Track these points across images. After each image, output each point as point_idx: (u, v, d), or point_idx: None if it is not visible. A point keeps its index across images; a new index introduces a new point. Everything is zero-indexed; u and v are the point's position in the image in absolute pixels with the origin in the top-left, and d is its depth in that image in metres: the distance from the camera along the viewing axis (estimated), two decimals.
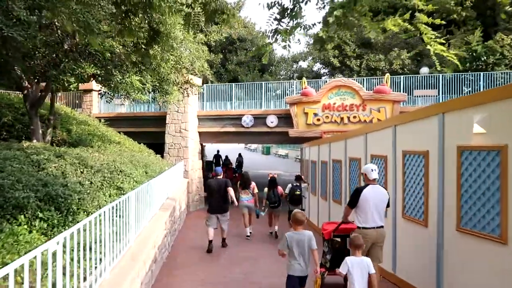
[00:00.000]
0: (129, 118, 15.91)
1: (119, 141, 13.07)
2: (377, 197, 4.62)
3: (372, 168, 4.74)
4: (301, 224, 4.16)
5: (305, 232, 4.13)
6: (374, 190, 4.64)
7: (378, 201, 4.62)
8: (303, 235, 4.08)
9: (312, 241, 4.08)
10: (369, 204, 4.57)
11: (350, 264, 3.86)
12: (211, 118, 14.89)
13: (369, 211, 4.58)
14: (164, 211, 7.43)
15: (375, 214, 4.59)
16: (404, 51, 17.97)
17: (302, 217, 4.18)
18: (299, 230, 4.12)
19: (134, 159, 9.27)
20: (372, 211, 4.58)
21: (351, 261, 3.90)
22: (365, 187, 4.68)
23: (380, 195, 4.65)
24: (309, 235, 4.09)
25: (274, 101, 14.84)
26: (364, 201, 4.58)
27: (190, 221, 12.02)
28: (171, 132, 14.46)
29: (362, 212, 4.62)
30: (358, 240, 4.03)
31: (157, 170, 9.27)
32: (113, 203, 4.41)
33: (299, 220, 4.14)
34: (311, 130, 13.30)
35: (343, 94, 13.14)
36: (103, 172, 6.58)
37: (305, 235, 4.09)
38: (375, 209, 4.59)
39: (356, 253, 3.97)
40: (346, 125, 13.00)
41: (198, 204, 14.65)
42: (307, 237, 4.07)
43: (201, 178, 15.22)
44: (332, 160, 9.05)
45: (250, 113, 14.32)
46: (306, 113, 13.33)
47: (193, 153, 14.56)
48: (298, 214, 4.20)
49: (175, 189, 10.60)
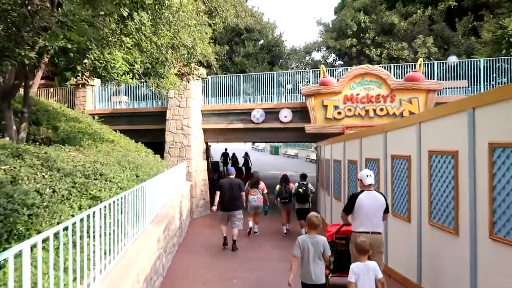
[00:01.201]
0: (127, 114, 14.37)
1: (113, 139, 11.59)
2: (372, 202, 4.64)
3: (367, 174, 4.77)
4: (316, 228, 4.04)
5: (319, 238, 3.99)
6: (369, 196, 4.68)
7: (373, 207, 4.64)
8: (317, 240, 3.95)
9: (326, 247, 3.97)
10: (364, 209, 4.62)
11: (357, 271, 3.69)
12: (216, 113, 13.28)
13: (364, 217, 4.63)
14: (158, 225, 5.81)
15: (369, 220, 4.62)
16: (430, 38, 16.18)
17: (317, 221, 4.04)
18: (312, 234, 3.99)
19: (124, 159, 7.71)
20: (366, 217, 4.62)
21: (357, 267, 3.72)
22: (360, 193, 4.74)
23: (375, 200, 4.66)
24: (323, 241, 3.98)
25: (288, 93, 13.16)
26: (359, 207, 4.64)
27: (193, 231, 10.40)
28: (171, 129, 12.87)
29: (357, 217, 4.69)
30: (364, 245, 3.82)
31: (153, 172, 7.68)
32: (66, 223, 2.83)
33: (314, 224, 4.01)
34: (331, 125, 11.62)
35: (368, 84, 11.43)
36: (74, 176, 5.00)
37: (319, 240, 3.97)
38: (370, 214, 4.63)
39: (361, 258, 3.79)
40: (372, 119, 11.30)
41: (203, 210, 13.04)
42: (321, 242, 3.96)
43: (206, 181, 13.60)
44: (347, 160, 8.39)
45: (261, 107, 12.68)
46: (325, 105, 11.65)
47: (196, 152, 12.95)
48: (313, 218, 4.05)
49: (175, 194, 9.01)
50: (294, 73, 13.87)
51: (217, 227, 10.55)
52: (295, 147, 45.80)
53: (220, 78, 13.70)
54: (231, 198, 7.90)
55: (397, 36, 16.79)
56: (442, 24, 16.88)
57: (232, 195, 7.90)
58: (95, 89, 15.05)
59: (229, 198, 7.90)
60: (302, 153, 41.21)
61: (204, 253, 7.98)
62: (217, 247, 8.52)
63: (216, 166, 23.65)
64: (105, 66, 5.29)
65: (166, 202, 7.65)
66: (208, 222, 11.71)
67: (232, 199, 7.91)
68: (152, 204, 5.99)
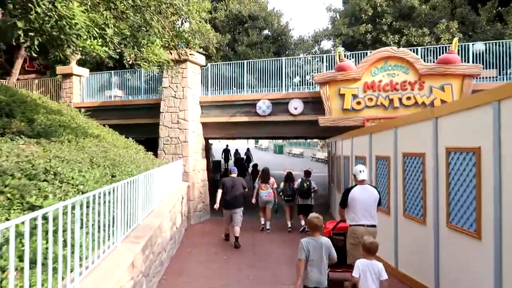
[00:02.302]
0: (117, 108, 12.87)
1: (99, 134, 10.14)
2: (365, 196, 4.78)
3: (360, 169, 4.92)
4: (318, 229, 3.87)
5: (322, 240, 3.85)
6: (362, 190, 4.83)
7: (367, 200, 4.79)
8: (321, 242, 3.81)
9: (332, 249, 3.84)
10: (357, 203, 4.79)
11: (362, 268, 3.63)
12: (217, 105, 11.74)
13: (358, 210, 4.78)
14: (134, 243, 4.28)
15: (364, 213, 4.77)
16: (454, 22, 14.56)
17: (318, 222, 3.87)
18: (316, 236, 3.85)
19: (101, 156, 6.23)
20: (360, 210, 4.77)
21: (362, 264, 3.65)
22: (354, 187, 4.92)
23: (368, 194, 4.81)
24: (326, 242, 3.84)
25: (299, 81, 11.58)
26: (352, 201, 4.82)
27: (190, 241, 8.86)
28: (166, 123, 11.36)
29: (352, 211, 4.84)
30: (372, 246, 3.71)
31: (137, 172, 6.15)
32: None
33: (316, 225, 3.86)
34: (349, 117, 10.05)
35: (392, 69, 9.86)
36: (4, 177, 3.47)
37: (322, 242, 3.82)
38: (364, 208, 4.77)
39: (368, 257, 3.70)
40: (397, 110, 9.72)
41: (202, 214, 11.51)
42: (325, 244, 3.81)
43: (206, 182, 12.07)
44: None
45: (268, 98, 11.14)
46: (342, 94, 10.09)
47: (194, 149, 11.43)
48: (315, 220, 3.88)
49: (167, 197, 7.50)
50: (305, 59, 12.28)
51: (218, 235, 9.17)
52: (300, 146, 44.23)
53: (222, 66, 12.16)
54: (233, 197, 8.09)
55: (417, 21, 15.18)
56: (467, 7, 15.25)
57: (234, 194, 8.09)
58: (83, 80, 13.58)
59: (232, 197, 8.10)
60: (307, 152, 39.63)
61: (202, 271, 6.45)
62: (218, 262, 7.02)
63: (218, 165, 22.23)
64: (58, 23, 3.76)
65: (153, 209, 6.14)
66: (207, 229, 10.18)
67: (234, 197, 8.09)
68: (128, 214, 4.47)
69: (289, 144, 50.19)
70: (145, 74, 12.77)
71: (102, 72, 13.59)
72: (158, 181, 6.64)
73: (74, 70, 13.30)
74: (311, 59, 11.86)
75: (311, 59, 11.98)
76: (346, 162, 9.23)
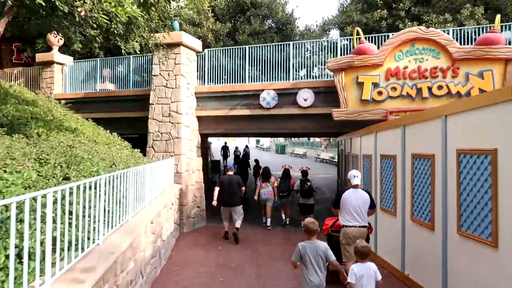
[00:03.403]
0: (103, 100, 11.43)
1: (76, 128, 8.75)
2: (357, 199, 5.09)
3: (354, 174, 5.23)
4: (314, 234, 3.88)
5: (319, 243, 3.85)
6: (354, 193, 5.14)
7: (358, 203, 5.09)
8: (317, 246, 3.83)
9: (329, 252, 3.83)
10: (349, 205, 5.10)
11: (358, 272, 3.62)
12: (215, 97, 10.28)
13: (349, 212, 5.09)
14: (75, 286, 2.81)
15: (355, 214, 5.07)
16: (480, 7, 13.08)
17: (314, 226, 3.88)
18: (312, 240, 3.86)
19: (58, 151, 4.79)
20: (352, 212, 5.07)
21: (357, 269, 3.65)
22: (346, 190, 5.27)
23: (360, 197, 5.11)
24: (323, 246, 3.84)
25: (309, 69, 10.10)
26: (344, 203, 5.14)
27: (180, 255, 7.38)
28: (156, 116, 9.90)
29: (344, 213, 5.16)
30: (365, 250, 3.74)
31: (105, 172, 4.68)
32: None
33: (311, 230, 3.86)
34: (368, 110, 8.57)
35: (420, 52, 8.39)
36: None
37: (319, 245, 3.83)
38: (355, 209, 5.08)
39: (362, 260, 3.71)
40: (425, 101, 8.25)
41: (196, 221, 10.05)
42: (321, 248, 3.81)
43: (202, 184, 10.61)
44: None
45: (273, 88, 9.67)
46: (361, 83, 8.62)
47: (188, 146, 9.98)
48: (311, 225, 3.89)
49: (149, 204, 6.04)
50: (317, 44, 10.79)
51: (214, 248, 7.80)
52: (303, 146, 42.72)
53: (221, 53, 10.69)
54: (230, 194, 8.18)
55: (438, 6, 13.69)
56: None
57: (231, 191, 8.18)
58: (65, 68, 12.13)
59: (229, 194, 8.18)
60: (311, 153, 38.14)
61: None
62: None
63: (217, 165, 20.80)
64: None
65: (127, 220, 4.69)
66: (202, 239, 8.71)
67: (231, 195, 8.19)
68: (75, 233, 3.01)
69: (292, 144, 48.70)
70: (136, 59, 11.31)
71: (87, 60, 12.14)
72: (136, 183, 5.18)
73: (56, 58, 11.86)
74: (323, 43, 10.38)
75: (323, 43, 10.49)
76: (367, 161, 7.77)
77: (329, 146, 36.88)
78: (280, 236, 8.91)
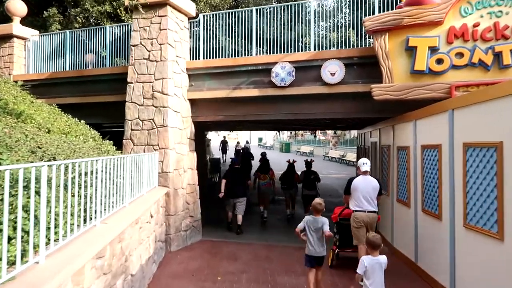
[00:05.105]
0: (72, 81, 9.10)
1: (23, 111, 6.43)
2: (367, 185, 5.37)
3: (363, 162, 5.55)
4: (319, 212, 4.59)
5: (320, 218, 4.57)
6: (364, 180, 5.42)
7: (367, 189, 5.37)
8: (319, 220, 4.55)
9: (325, 226, 4.50)
10: (359, 191, 5.38)
11: (368, 265, 3.67)
12: (213, 73, 7.93)
13: (359, 197, 5.36)
14: None
15: (364, 200, 5.34)
16: None
17: (320, 207, 4.58)
18: (317, 216, 4.59)
19: None
20: (361, 197, 5.35)
21: (368, 261, 3.69)
22: (356, 177, 5.56)
23: (369, 184, 5.39)
24: (323, 221, 4.55)
25: (337, 34, 7.67)
26: (355, 189, 5.42)
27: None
28: (136, 98, 7.57)
29: (354, 198, 5.44)
30: (376, 240, 3.77)
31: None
32: None
33: (317, 209, 4.58)
34: (423, 85, 6.21)
35: (496, 3, 6.02)
36: None
37: (320, 220, 4.55)
38: (365, 195, 5.35)
39: (374, 253, 3.75)
40: (506, 71, 5.90)
41: (189, 234, 7.70)
42: (321, 221, 4.54)
43: (196, 186, 8.25)
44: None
45: (288, 60, 7.32)
46: (413, 48, 6.25)
47: (178, 138, 7.64)
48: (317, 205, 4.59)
49: (105, 224, 3.72)
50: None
51: (213, 279, 5.46)
52: (309, 144, 40.33)
53: (220, 17, 8.32)
54: (237, 186, 8.45)
55: None
56: None
57: (238, 183, 8.48)
58: (28, 44, 9.81)
59: (235, 186, 8.44)
60: (318, 151, 35.76)
61: None
62: None
63: (218, 165, 18.49)
64: None
65: (36, 262, 2.34)
66: (196, 263, 6.38)
67: (237, 187, 8.46)
68: None
69: (296, 142, 46.31)
70: (115, 31, 8.97)
71: (54, 32, 9.81)
72: (78, 186, 2.84)
73: (15, 30, 9.54)
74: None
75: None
76: (434, 156, 5.40)
77: (337, 144, 34.48)
78: None
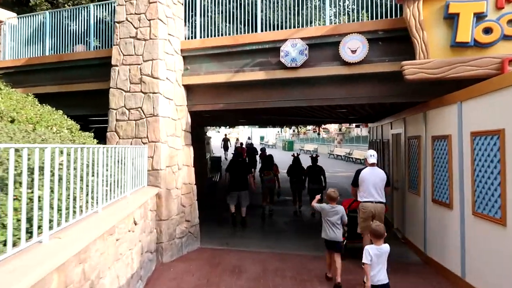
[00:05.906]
0: (51, 67, 8.00)
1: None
2: (374, 177, 5.43)
3: (371, 154, 5.56)
4: (334, 200, 4.99)
5: (337, 207, 4.98)
6: (372, 171, 5.47)
7: (375, 180, 5.42)
8: (336, 209, 4.96)
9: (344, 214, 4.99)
10: (366, 182, 5.45)
11: (373, 254, 3.76)
12: (212, 54, 6.80)
13: (367, 188, 5.44)
14: None
15: (372, 191, 5.41)
16: None
17: (334, 195, 5.00)
18: (333, 204, 4.98)
19: None
20: (369, 188, 5.42)
21: (373, 250, 3.78)
22: (364, 168, 5.58)
23: (377, 175, 5.45)
24: (340, 210, 4.96)
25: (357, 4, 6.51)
26: (362, 180, 5.49)
27: None
28: (121, 84, 6.45)
29: (362, 189, 5.52)
30: (380, 229, 3.86)
31: None
32: None
33: (332, 197, 4.99)
34: (467, 60, 5.08)
35: None
36: None
37: (337, 209, 4.97)
38: (372, 186, 5.41)
39: (377, 242, 3.83)
40: None
41: (185, 242, 6.59)
42: (339, 210, 4.96)
43: (193, 186, 7.13)
44: None
45: (300, 36, 6.19)
46: (453, 15, 5.13)
47: (171, 129, 6.53)
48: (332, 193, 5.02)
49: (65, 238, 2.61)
50: None
51: None
52: (313, 142, 39.20)
53: None
54: (239, 178, 8.57)
55: None
56: None
57: (240, 176, 8.60)
58: (4, 27, 8.70)
59: (237, 178, 8.56)
60: (323, 149, 34.60)
61: None
62: None
63: (218, 163, 17.41)
64: None
65: None
66: (193, 279, 5.28)
67: (240, 179, 8.57)
68: None
69: (300, 140, 45.19)
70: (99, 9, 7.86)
71: (32, 14, 8.70)
72: None
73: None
74: None
75: None
76: (493, 145, 4.30)
77: (342, 141, 33.32)
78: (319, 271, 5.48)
